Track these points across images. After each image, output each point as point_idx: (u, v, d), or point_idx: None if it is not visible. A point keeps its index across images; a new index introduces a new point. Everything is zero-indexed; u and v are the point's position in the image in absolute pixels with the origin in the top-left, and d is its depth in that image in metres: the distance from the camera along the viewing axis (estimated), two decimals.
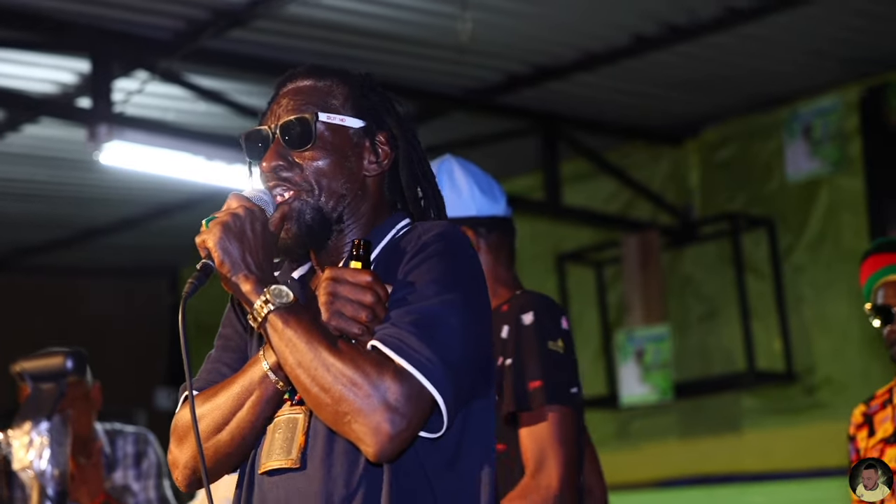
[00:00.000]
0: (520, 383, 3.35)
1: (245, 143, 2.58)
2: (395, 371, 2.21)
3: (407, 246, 2.42)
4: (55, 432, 1.96)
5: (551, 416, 3.33)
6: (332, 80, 2.57)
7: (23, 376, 2.15)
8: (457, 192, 3.63)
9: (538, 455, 3.32)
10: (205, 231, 2.38)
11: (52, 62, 7.10)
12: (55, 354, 2.26)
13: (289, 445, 2.38)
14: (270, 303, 2.28)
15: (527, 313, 3.42)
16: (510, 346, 3.39)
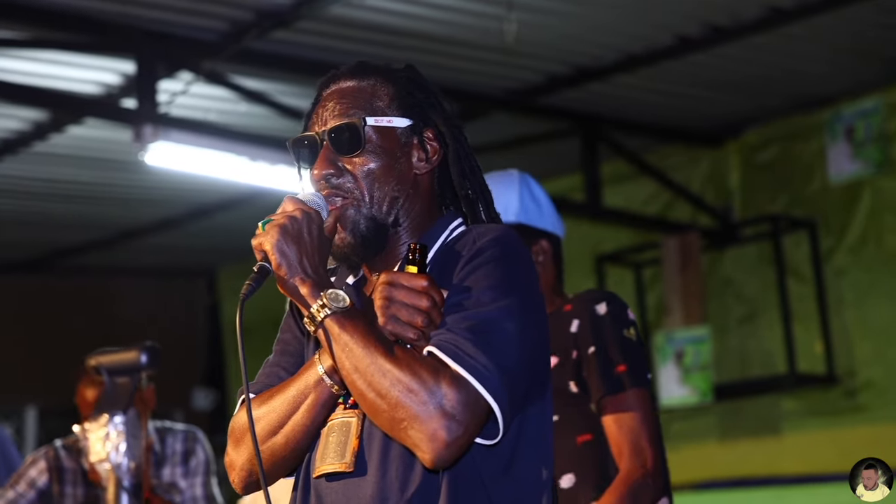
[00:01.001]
0: (607, 368, 3.52)
1: (293, 149, 2.57)
2: (452, 377, 2.21)
3: (462, 250, 2.41)
4: (130, 426, 1.98)
5: (638, 399, 3.52)
6: (375, 79, 2.56)
7: (99, 370, 2.17)
8: (537, 203, 3.81)
9: (632, 439, 3.48)
10: (261, 233, 2.36)
11: (97, 63, 7.14)
12: (130, 349, 2.28)
13: (342, 449, 2.37)
14: (327, 307, 2.28)
15: (600, 304, 3.60)
16: (587, 335, 3.56)
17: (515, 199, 3.77)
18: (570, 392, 3.57)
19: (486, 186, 2.62)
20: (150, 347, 2.05)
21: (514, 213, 3.76)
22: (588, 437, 3.55)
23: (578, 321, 3.59)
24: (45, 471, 4.95)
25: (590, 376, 3.53)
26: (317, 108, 2.58)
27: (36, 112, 7.76)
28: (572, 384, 3.56)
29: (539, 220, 3.81)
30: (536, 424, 2.42)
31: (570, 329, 3.59)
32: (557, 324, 3.61)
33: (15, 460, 5.98)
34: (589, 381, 3.53)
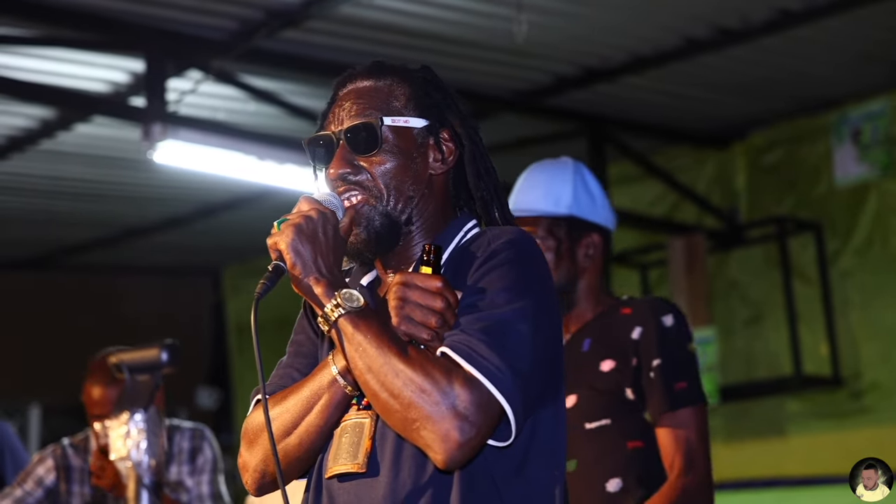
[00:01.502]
0: (670, 384, 3.50)
1: (308, 148, 2.57)
2: (465, 378, 2.21)
3: (477, 251, 2.42)
4: (151, 423, 1.98)
5: (696, 415, 3.51)
6: (391, 79, 2.56)
7: (120, 368, 2.17)
8: (590, 195, 3.76)
9: (687, 452, 3.47)
10: (276, 233, 2.36)
11: (106, 61, 7.14)
12: (151, 347, 2.28)
13: (355, 450, 2.38)
14: (341, 307, 2.28)
15: (666, 315, 3.57)
16: (652, 347, 3.54)
17: (568, 191, 3.72)
18: (625, 398, 3.55)
19: (501, 188, 2.61)
20: (170, 345, 2.06)
21: (566, 205, 3.71)
22: (639, 444, 3.53)
23: (642, 329, 3.56)
24: (53, 469, 4.95)
25: (651, 388, 3.52)
26: (333, 107, 2.58)
27: (44, 110, 7.76)
28: (629, 391, 3.54)
29: (591, 213, 3.75)
30: (549, 426, 2.42)
31: (632, 335, 3.57)
32: (613, 325, 3.62)
33: (22, 457, 5.98)
34: (649, 392, 3.52)
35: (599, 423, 3.54)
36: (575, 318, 3.73)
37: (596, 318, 3.70)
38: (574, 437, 3.51)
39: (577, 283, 3.70)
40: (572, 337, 3.71)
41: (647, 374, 3.52)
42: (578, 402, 3.57)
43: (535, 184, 3.77)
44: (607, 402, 3.54)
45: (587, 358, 3.64)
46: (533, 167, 3.88)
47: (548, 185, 3.73)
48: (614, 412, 3.53)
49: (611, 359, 3.57)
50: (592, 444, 3.55)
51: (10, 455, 5.95)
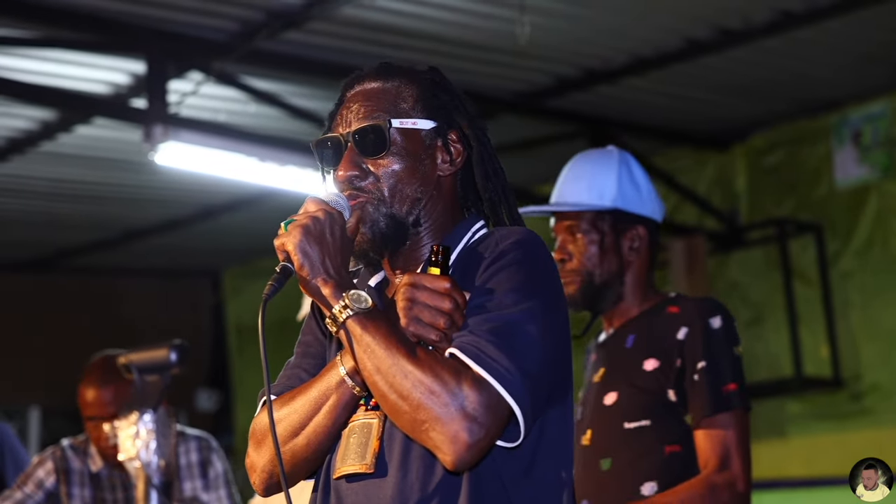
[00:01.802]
0: (717, 386, 3.42)
1: (316, 150, 2.57)
2: (473, 380, 2.20)
3: (484, 252, 2.41)
4: (160, 423, 1.97)
5: (739, 419, 3.43)
6: (399, 80, 2.55)
7: (129, 368, 2.16)
8: (636, 186, 3.69)
9: (722, 453, 3.39)
10: (283, 234, 2.35)
11: (106, 63, 7.12)
12: (159, 347, 2.27)
13: (363, 450, 2.37)
14: (349, 308, 2.28)
15: (714, 317, 3.49)
16: (698, 349, 3.45)
17: (613, 183, 3.66)
18: (667, 399, 3.49)
19: (510, 189, 2.61)
20: (178, 346, 2.04)
21: (611, 198, 3.63)
22: (677, 449, 3.46)
23: (688, 329, 3.48)
24: (53, 471, 4.92)
25: (695, 391, 3.43)
26: (340, 109, 2.57)
27: (44, 111, 7.75)
28: (671, 392, 3.48)
29: (637, 205, 3.66)
30: (557, 427, 2.42)
31: (677, 335, 3.49)
32: (659, 324, 3.56)
33: (23, 459, 5.95)
34: (692, 394, 3.44)
35: (639, 424, 3.47)
36: (620, 313, 3.66)
37: (642, 314, 3.63)
38: (612, 436, 3.51)
39: (623, 278, 3.62)
40: (615, 332, 3.66)
41: (690, 377, 3.45)
42: (619, 399, 3.53)
43: (580, 175, 3.72)
44: (648, 403, 3.47)
45: (630, 355, 3.57)
46: (578, 157, 3.83)
47: (592, 177, 3.67)
48: (655, 413, 3.46)
49: (654, 358, 3.50)
50: (630, 444, 3.48)
51: (10, 456, 5.92)
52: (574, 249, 3.61)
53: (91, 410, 4.85)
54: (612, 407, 3.52)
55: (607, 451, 3.51)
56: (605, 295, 3.61)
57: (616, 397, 3.53)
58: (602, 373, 3.62)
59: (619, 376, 3.55)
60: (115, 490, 4.92)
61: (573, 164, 3.80)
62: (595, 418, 3.57)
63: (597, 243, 3.59)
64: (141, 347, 2.23)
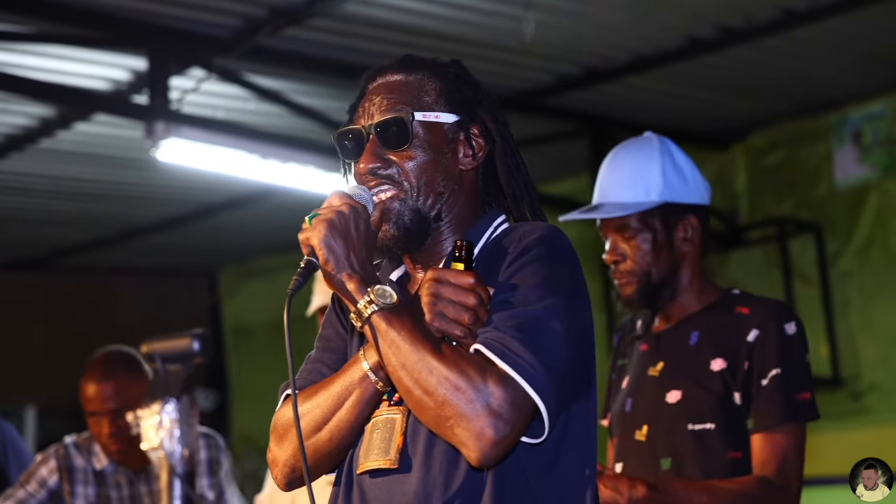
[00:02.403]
0: (792, 394, 3.35)
1: (337, 142, 2.56)
2: (499, 376, 2.20)
3: (508, 247, 2.41)
4: (183, 413, 1.95)
5: (802, 429, 3.36)
6: (422, 73, 2.55)
7: (152, 357, 2.14)
8: (681, 173, 3.57)
9: (781, 460, 3.30)
10: (308, 228, 2.33)
11: (106, 59, 7.06)
12: (182, 336, 2.24)
13: (387, 446, 2.37)
14: (374, 303, 2.27)
15: (789, 322, 3.41)
16: (773, 355, 3.37)
17: (658, 175, 3.53)
18: (733, 402, 3.40)
19: (532, 184, 2.60)
20: (201, 335, 2.02)
21: (658, 192, 3.52)
22: (738, 455, 3.38)
23: (759, 332, 3.39)
24: (56, 470, 4.87)
25: (765, 397, 3.34)
26: (362, 101, 2.56)
27: (44, 108, 7.71)
28: (738, 395, 3.40)
29: (685, 195, 3.56)
30: (581, 423, 2.41)
31: (747, 337, 3.40)
32: (727, 323, 3.46)
33: (26, 457, 5.92)
34: (761, 400, 3.35)
35: (704, 427, 3.40)
36: (678, 308, 3.56)
37: (704, 310, 3.54)
38: (674, 436, 3.44)
39: (679, 273, 3.53)
40: (675, 327, 3.56)
41: (758, 381, 3.36)
42: (684, 398, 3.45)
43: (622, 172, 3.58)
44: (714, 404, 3.39)
45: (695, 353, 3.48)
46: (617, 151, 3.67)
47: (635, 173, 3.55)
48: (720, 416, 3.38)
49: (722, 358, 3.41)
50: (693, 447, 3.40)
51: (13, 454, 5.88)
52: (627, 250, 3.52)
53: (92, 405, 4.82)
54: (675, 406, 3.45)
55: (668, 451, 3.44)
56: (663, 292, 3.52)
57: (680, 396, 3.45)
58: (661, 367, 3.53)
59: (683, 373, 3.46)
60: (120, 488, 4.88)
61: (614, 160, 3.66)
62: (655, 415, 3.49)
63: (649, 241, 3.50)
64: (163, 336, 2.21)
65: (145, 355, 2.20)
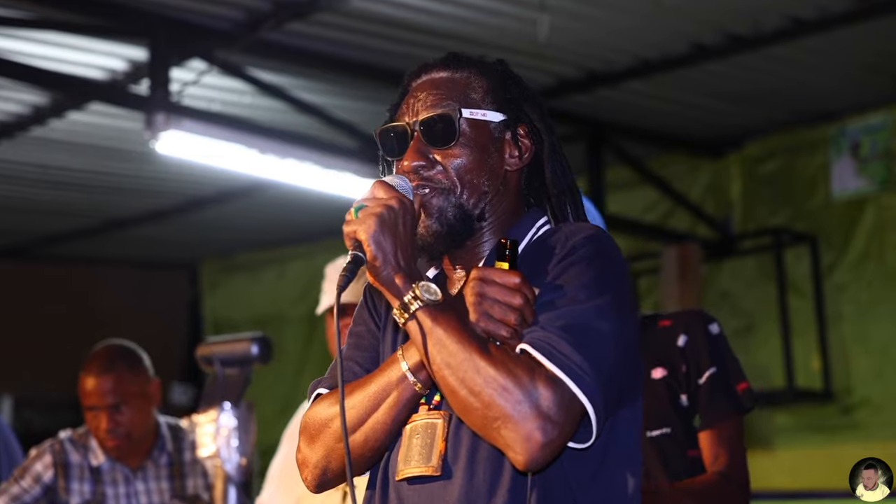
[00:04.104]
0: (732, 388, 3.48)
1: (380, 139, 2.50)
2: (547, 377, 2.14)
3: (554, 247, 2.36)
4: (242, 419, 1.85)
5: (743, 420, 3.52)
6: (469, 71, 2.50)
7: (211, 360, 2.04)
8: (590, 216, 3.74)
9: (731, 450, 3.45)
10: (354, 220, 2.26)
11: (104, 48, 6.96)
12: (241, 339, 2.14)
13: (428, 452, 2.31)
14: (419, 299, 2.22)
15: (712, 324, 3.54)
16: (704, 355, 3.50)
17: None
18: (681, 405, 3.51)
19: (576, 185, 2.57)
20: (262, 339, 1.93)
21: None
22: (696, 454, 3.50)
23: (687, 337, 3.52)
24: (51, 465, 4.77)
25: (708, 395, 3.47)
26: (406, 98, 2.52)
27: (37, 96, 7.60)
28: (684, 397, 3.51)
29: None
30: (627, 429, 2.36)
31: (678, 343, 3.52)
32: (654, 335, 3.57)
33: (16, 452, 5.81)
34: (704, 398, 3.48)
35: (661, 431, 3.51)
36: None
37: None
38: None
39: None
40: None
41: (696, 381, 3.49)
42: None
43: None
44: (666, 409, 3.50)
45: None
46: None
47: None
48: (674, 420, 3.49)
49: (661, 367, 3.52)
50: (655, 451, 3.51)
51: (4, 449, 5.78)
52: None
53: (91, 400, 4.74)
54: None
55: None
56: None
57: None
58: None
59: None
60: (116, 485, 4.79)
61: None
62: None
63: None
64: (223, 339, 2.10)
65: (203, 358, 2.10)
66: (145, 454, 4.83)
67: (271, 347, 1.99)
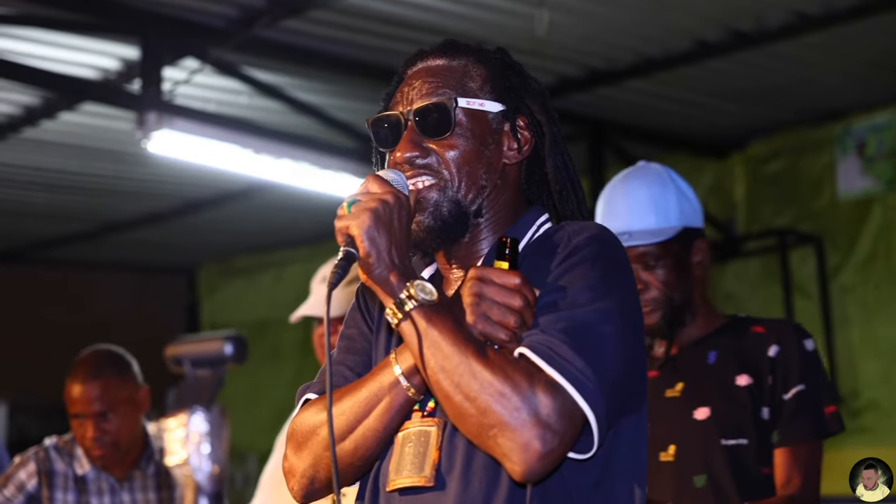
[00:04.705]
0: (817, 409, 3.38)
1: (372, 129, 2.39)
2: (547, 383, 2.03)
3: (556, 246, 2.25)
4: (214, 425, 1.73)
5: (822, 445, 3.45)
6: (467, 58, 2.39)
7: (180, 361, 1.90)
8: (688, 200, 3.63)
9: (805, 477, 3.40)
10: (347, 215, 2.14)
11: (95, 46, 6.83)
12: (213, 338, 1.99)
13: (421, 461, 2.21)
14: (414, 299, 2.10)
15: (807, 339, 3.43)
16: (795, 371, 3.37)
17: (674, 202, 3.57)
18: (762, 418, 3.39)
19: (579, 182, 2.44)
20: (235, 337, 1.80)
21: (676, 218, 3.55)
22: (770, 471, 3.39)
23: (780, 348, 3.40)
24: (35, 474, 4.64)
25: (792, 412, 3.36)
26: (401, 86, 2.41)
27: (28, 96, 7.48)
28: (766, 410, 3.39)
29: (695, 219, 3.59)
30: (631, 438, 2.25)
31: (768, 353, 3.40)
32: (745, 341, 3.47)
33: (4, 458, 5.68)
34: (786, 415, 3.36)
35: (737, 442, 3.40)
36: (686, 332, 3.58)
37: (716, 332, 3.56)
38: (707, 452, 3.42)
39: (693, 296, 3.55)
40: (688, 350, 3.57)
41: (781, 396, 3.38)
42: (714, 414, 3.44)
43: (638, 200, 3.58)
44: (746, 419, 3.39)
45: (718, 371, 3.48)
46: (625, 180, 3.67)
47: (653, 200, 3.57)
48: (752, 432, 3.38)
49: (746, 374, 3.42)
50: (728, 462, 3.39)
51: None
52: (650, 278, 3.51)
53: (76, 407, 4.62)
54: (706, 422, 3.44)
55: (702, 468, 3.43)
56: (684, 318, 3.54)
57: (709, 412, 3.45)
58: (682, 387, 3.53)
59: (709, 390, 3.47)
60: (101, 494, 4.66)
61: (626, 189, 3.64)
62: (683, 433, 3.47)
63: (671, 267, 3.50)
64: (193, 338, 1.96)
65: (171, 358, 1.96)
66: (132, 463, 4.70)
67: (246, 346, 1.86)
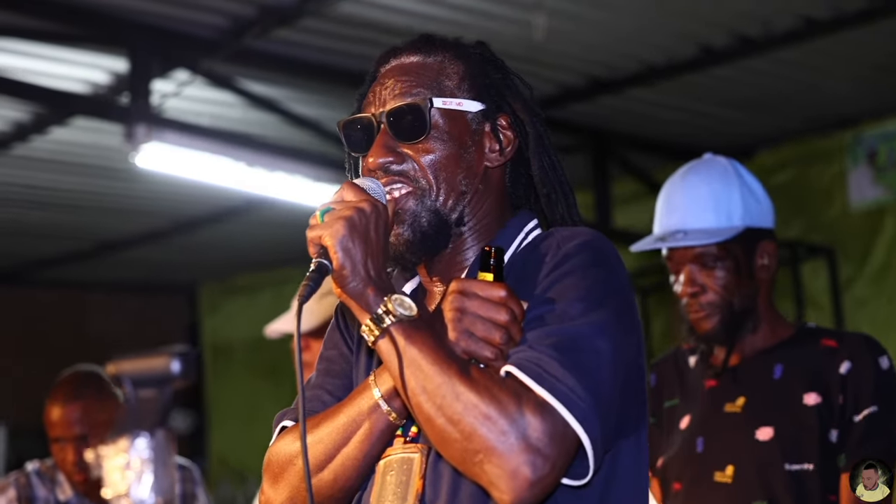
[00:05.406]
0: (889, 434, 3.15)
1: (344, 133, 2.23)
2: (536, 404, 1.87)
3: (544, 255, 2.08)
4: (158, 451, 1.56)
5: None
6: (443, 54, 2.23)
7: (120, 379, 1.73)
8: (756, 197, 3.38)
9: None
10: (319, 225, 1.98)
11: (84, 59, 6.71)
12: (158, 355, 1.81)
13: (403, 491, 2.06)
14: (392, 314, 1.94)
15: (883, 356, 3.23)
16: (868, 390, 3.17)
17: (738, 200, 3.33)
18: (830, 441, 3.17)
19: (569, 184, 2.29)
20: (182, 353, 1.63)
21: (739, 217, 3.32)
22: (835, 499, 3.15)
23: (852, 365, 3.19)
24: (15, 500, 4.49)
25: (861, 436, 3.13)
26: (373, 85, 2.24)
27: (18, 112, 7.37)
28: (835, 433, 3.16)
29: (762, 218, 3.36)
30: (630, 462, 2.08)
31: (840, 370, 3.19)
32: (815, 356, 3.25)
33: None
34: (855, 438, 3.13)
35: (802, 467, 3.18)
36: (751, 340, 3.37)
37: (783, 343, 3.35)
38: (770, 476, 3.21)
39: (756, 302, 3.33)
40: (752, 360, 3.36)
41: (851, 417, 3.16)
42: (777, 435, 3.22)
43: (698, 196, 3.36)
44: (813, 442, 3.18)
45: (784, 387, 3.27)
46: (686, 175, 3.46)
47: (714, 197, 3.34)
48: (818, 456, 3.16)
49: (816, 392, 3.20)
50: (792, 488, 3.17)
51: None
52: (707, 280, 3.32)
53: (57, 431, 4.46)
54: (769, 443, 3.23)
55: (763, 493, 3.21)
56: (745, 324, 3.33)
57: (773, 433, 3.23)
58: (743, 402, 3.32)
59: (773, 409, 3.26)
60: None
61: (686, 184, 3.43)
62: (743, 453, 3.26)
63: (732, 270, 3.30)
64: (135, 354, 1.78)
65: (113, 377, 1.80)
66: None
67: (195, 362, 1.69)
